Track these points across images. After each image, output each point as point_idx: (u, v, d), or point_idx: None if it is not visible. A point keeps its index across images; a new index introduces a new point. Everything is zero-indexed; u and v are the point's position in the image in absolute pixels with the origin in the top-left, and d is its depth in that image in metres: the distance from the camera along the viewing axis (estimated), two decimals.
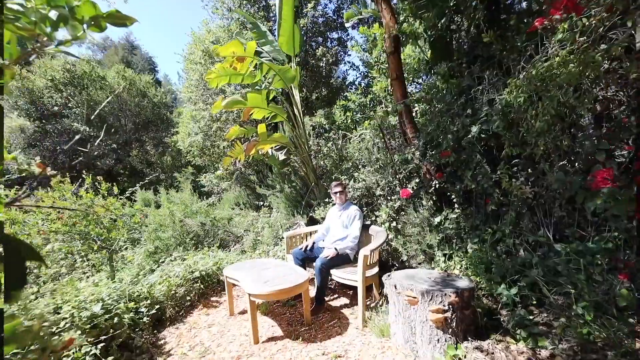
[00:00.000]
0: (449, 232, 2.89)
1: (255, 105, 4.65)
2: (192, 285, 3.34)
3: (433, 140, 3.15)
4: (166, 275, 3.34)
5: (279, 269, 2.84)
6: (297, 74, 5.04)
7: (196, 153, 6.87)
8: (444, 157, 2.72)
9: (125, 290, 2.84)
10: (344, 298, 3.27)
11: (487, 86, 2.52)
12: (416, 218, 3.18)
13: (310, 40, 8.01)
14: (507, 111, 2.29)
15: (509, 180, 2.31)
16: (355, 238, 3.11)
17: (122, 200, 5.09)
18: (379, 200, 3.71)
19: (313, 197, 5.48)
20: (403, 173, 3.35)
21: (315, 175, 5.31)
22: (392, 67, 3.58)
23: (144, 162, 13.40)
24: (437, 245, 2.92)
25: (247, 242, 5.81)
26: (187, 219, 6.05)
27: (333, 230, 3.31)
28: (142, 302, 2.82)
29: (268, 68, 4.63)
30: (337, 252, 2.97)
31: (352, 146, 4.34)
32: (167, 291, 3.08)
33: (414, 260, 3.18)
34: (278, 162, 5.42)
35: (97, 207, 4.61)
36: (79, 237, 4.32)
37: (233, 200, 8.14)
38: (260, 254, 5.15)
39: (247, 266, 3.05)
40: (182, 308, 3.19)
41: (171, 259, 4.05)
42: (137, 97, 12.74)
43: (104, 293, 2.59)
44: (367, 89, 6.81)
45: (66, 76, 10.87)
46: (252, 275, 2.70)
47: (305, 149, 5.25)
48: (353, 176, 3.89)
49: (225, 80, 4.83)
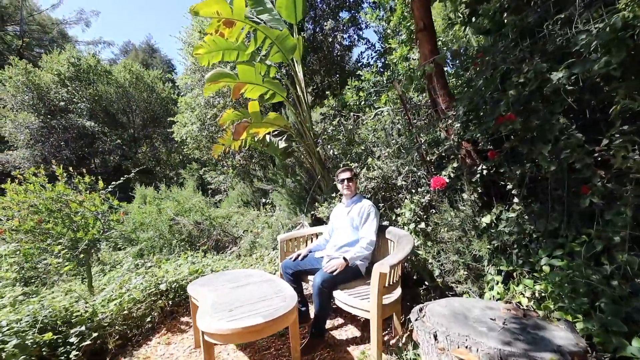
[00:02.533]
0: (505, 238, 1.96)
1: (248, 81, 3.86)
2: (155, 302, 2.57)
3: (478, 107, 2.22)
4: (124, 287, 2.60)
5: (260, 289, 2.01)
6: (300, 45, 4.20)
7: (192, 145, 6.20)
8: (503, 124, 1.79)
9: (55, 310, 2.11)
10: (351, 327, 2.40)
11: (578, 8, 1.58)
12: (454, 218, 2.26)
13: (319, 19, 7.17)
14: (624, 37, 1.35)
15: (626, 155, 1.37)
16: (371, 244, 2.24)
17: (104, 195, 4.46)
18: (400, 193, 2.81)
19: (319, 192, 4.64)
20: (436, 154, 2.44)
21: (322, 166, 4.46)
22: (417, 14, 2.67)
23: (152, 159, 13.04)
24: (489, 257, 2.00)
25: (244, 245, 5.05)
26: (179, 217, 5.36)
27: (339, 233, 2.45)
28: (75, 328, 2.07)
29: (264, 37, 3.82)
30: (347, 263, 2.12)
31: (365, 128, 3.46)
32: (117, 311, 2.32)
33: (450, 276, 2.27)
34: (278, 151, 4.60)
35: (70, 202, 3.98)
36: (42, 237, 3.69)
37: (237, 197, 7.43)
38: (257, 259, 4.38)
39: (221, 280, 2.25)
40: (140, 332, 2.43)
41: (138, 265, 3.30)
42: (145, 92, 12.35)
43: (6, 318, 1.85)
44: (384, 69, 5.89)
45: (71, 70, 10.57)
46: (217, 296, 1.88)
47: (310, 136, 4.41)
48: (366, 163, 3.01)
49: (217, 56, 4.06)
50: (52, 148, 10.25)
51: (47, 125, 10.18)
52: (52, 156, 10.23)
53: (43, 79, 10.45)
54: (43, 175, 4.16)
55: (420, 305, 1.44)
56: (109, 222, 4.18)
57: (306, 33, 7.23)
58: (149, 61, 31.48)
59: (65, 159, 10.36)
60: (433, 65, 2.58)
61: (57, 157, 10.30)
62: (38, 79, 10.33)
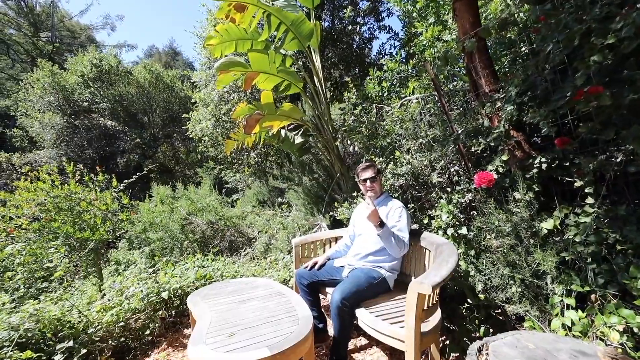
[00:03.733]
0: (577, 248, 1.53)
1: (261, 70, 3.56)
2: (155, 313, 2.31)
3: (536, 85, 1.79)
4: (125, 294, 2.36)
5: (269, 305, 1.69)
6: (317, 30, 3.87)
7: (207, 142, 6.03)
8: (582, 101, 1.36)
9: (45, 320, 1.88)
10: (378, 351, 2.03)
11: None
12: (504, 222, 1.84)
13: (337, 10, 6.80)
14: None
15: None
16: (405, 245, 1.85)
17: (116, 194, 4.33)
18: (432, 192, 2.41)
19: (338, 191, 4.29)
20: (482, 144, 2.02)
21: (341, 163, 4.10)
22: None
23: (172, 159, 13.16)
24: (554, 273, 1.57)
25: (259, 246, 4.79)
26: (193, 216, 5.18)
27: (363, 239, 2.08)
28: (61, 344, 1.83)
29: (278, 22, 3.52)
30: (382, 224, 1.79)
31: (390, 119, 3.07)
32: (111, 323, 2.08)
33: (499, 292, 1.85)
34: (294, 147, 4.29)
35: (81, 201, 3.86)
36: (51, 237, 3.57)
37: (253, 196, 7.22)
38: (271, 263, 4.08)
39: (224, 292, 1.95)
40: (139, 346, 2.19)
41: (144, 267, 3.08)
42: (165, 91, 12.46)
43: None
44: (408, 58, 5.44)
45: (94, 71, 10.79)
46: (217, 314, 1.58)
47: (329, 130, 4.07)
48: (392, 157, 2.63)
49: (230, 47, 3.80)
50: (76, 147, 10.49)
51: (71, 125, 10.43)
52: (76, 155, 10.49)
53: (68, 81, 10.72)
54: (56, 173, 4.08)
55: (479, 342, 1.06)
56: (119, 222, 4.04)
57: (324, 23, 6.88)
58: (172, 64, 32.34)
59: (89, 158, 10.58)
60: (474, 39, 2.16)
61: (80, 157, 10.55)
62: (64, 81, 10.61)
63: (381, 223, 1.79)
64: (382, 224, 1.80)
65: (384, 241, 1.82)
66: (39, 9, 19.92)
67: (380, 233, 1.79)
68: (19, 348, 1.76)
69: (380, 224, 1.78)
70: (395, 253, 1.85)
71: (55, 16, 20.78)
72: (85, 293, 3.28)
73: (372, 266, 1.94)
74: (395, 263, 1.96)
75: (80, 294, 3.33)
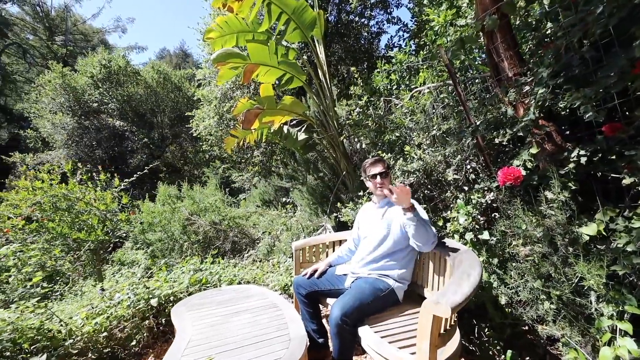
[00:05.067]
0: (631, 260, 1.25)
1: (260, 62, 3.35)
2: (142, 321, 2.13)
3: (572, 64, 1.51)
4: (110, 302, 2.19)
5: (259, 320, 1.47)
6: (321, 19, 3.63)
7: (212, 141, 5.89)
8: None
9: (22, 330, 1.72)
10: None
11: None
12: (536, 226, 1.57)
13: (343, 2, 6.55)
14: None
15: None
16: (434, 238, 1.58)
17: (117, 193, 4.22)
18: (447, 191, 2.14)
19: (344, 190, 4.05)
20: (507, 135, 1.75)
21: (347, 160, 3.86)
22: None
23: (181, 158, 13.16)
24: (603, 290, 1.30)
25: (262, 248, 4.60)
26: (196, 217, 5.03)
27: (369, 242, 1.84)
28: (33, 358, 1.66)
29: (279, 11, 3.31)
30: (382, 290, 1.53)
31: (399, 111, 2.81)
32: (92, 333, 1.90)
33: (527, 309, 1.58)
34: (297, 144, 4.07)
35: (79, 201, 3.75)
36: (48, 238, 3.47)
37: (258, 196, 7.05)
38: (274, 266, 3.89)
39: (214, 302, 1.75)
40: (125, 357, 2.01)
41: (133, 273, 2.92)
42: (173, 92, 12.47)
43: None
44: (418, 50, 5.15)
45: (103, 72, 10.86)
46: (199, 331, 1.37)
47: (334, 126, 3.83)
48: (402, 153, 2.37)
49: (232, 41, 3.61)
50: (86, 148, 10.58)
51: (81, 125, 10.52)
52: (86, 156, 10.58)
53: (78, 82, 10.83)
54: (56, 173, 3.99)
55: None
56: (117, 222, 3.91)
57: (330, 17, 6.65)
58: (183, 65, 32.76)
59: (98, 159, 10.66)
60: (496, 16, 1.89)
61: (90, 157, 10.63)
62: (74, 82, 10.72)
63: (413, 206, 1.53)
64: (412, 208, 1.52)
65: (415, 229, 1.52)
66: (53, 14, 20.40)
67: (410, 218, 1.50)
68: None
69: (412, 207, 1.52)
70: (426, 244, 1.56)
71: (69, 20, 21.25)
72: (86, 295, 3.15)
73: (378, 275, 1.70)
74: (405, 272, 1.71)
75: (81, 295, 3.21)
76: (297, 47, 5.88)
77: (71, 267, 3.64)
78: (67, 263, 3.52)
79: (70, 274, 3.63)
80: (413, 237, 1.57)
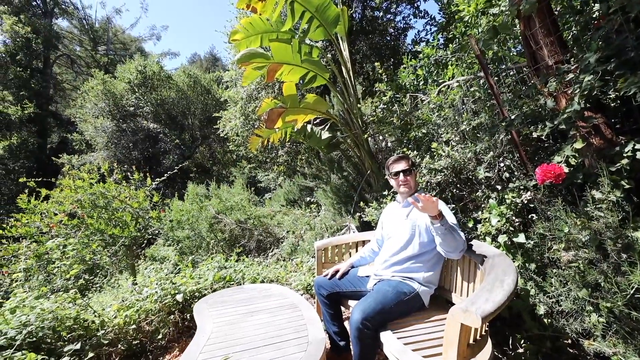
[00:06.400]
0: None
1: (283, 61, 3.36)
2: (168, 316, 2.20)
3: (625, 48, 1.34)
4: (139, 296, 2.28)
5: (277, 320, 1.45)
6: (344, 16, 3.58)
7: (238, 141, 6.03)
8: None
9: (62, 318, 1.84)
10: None
11: None
12: (581, 229, 1.41)
13: None
14: None
15: None
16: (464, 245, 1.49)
17: (149, 192, 4.44)
18: (478, 190, 2.00)
19: (369, 189, 3.96)
20: (548, 128, 1.60)
21: (372, 159, 3.77)
22: None
23: (210, 159, 13.67)
24: None
25: (286, 247, 4.63)
26: (222, 215, 5.17)
27: (393, 243, 1.76)
28: (69, 346, 1.76)
29: (302, 9, 3.31)
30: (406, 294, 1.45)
31: (426, 107, 2.69)
32: (123, 325, 1.99)
33: (571, 321, 1.43)
34: (321, 142, 4.04)
35: (114, 199, 3.99)
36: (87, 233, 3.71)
37: (283, 195, 7.12)
38: (297, 265, 3.89)
39: (234, 299, 1.76)
40: (152, 350, 2.09)
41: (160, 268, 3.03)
42: (203, 94, 12.96)
43: None
44: (446, 44, 4.92)
45: (139, 77, 11.52)
46: (218, 327, 1.38)
47: (358, 124, 3.76)
48: (430, 150, 2.26)
49: (256, 42, 3.66)
50: (124, 149, 11.28)
51: (120, 128, 11.23)
52: (124, 157, 11.28)
53: (117, 87, 11.58)
54: (96, 172, 4.27)
55: None
56: (149, 220, 4.10)
57: (355, 14, 6.55)
58: (212, 69, 34.12)
59: (134, 159, 11.32)
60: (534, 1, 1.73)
61: (128, 158, 11.33)
62: (113, 88, 11.47)
63: (441, 213, 1.43)
64: (440, 215, 1.43)
65: (443, 237, 1.43)
66: (97, 26, 22.04)
67: (438, 226, 1.42)
68: (32, 348, 1.72)
69: (440, 215, 1.42)
70: (454, 251, 1.46)
71: (110, 31, 22.85)
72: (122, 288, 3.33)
73: (402, 278, 1.62)
74: (432, 274, 1.62)
75: (117, 288, 3.40)
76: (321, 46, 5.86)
77: (109, 262, 3.88)
78: (104, 257, 3.75)
79: (108, 267, 3.87)
80: (440, 245, 1.49)
